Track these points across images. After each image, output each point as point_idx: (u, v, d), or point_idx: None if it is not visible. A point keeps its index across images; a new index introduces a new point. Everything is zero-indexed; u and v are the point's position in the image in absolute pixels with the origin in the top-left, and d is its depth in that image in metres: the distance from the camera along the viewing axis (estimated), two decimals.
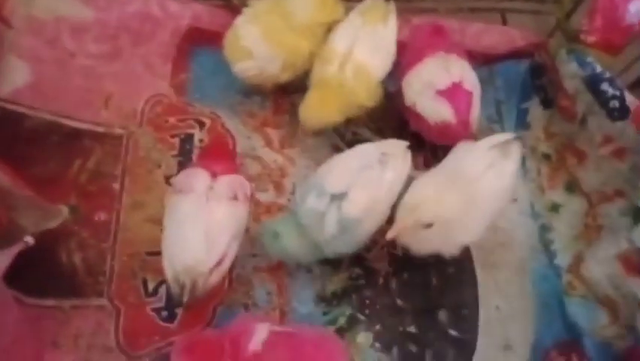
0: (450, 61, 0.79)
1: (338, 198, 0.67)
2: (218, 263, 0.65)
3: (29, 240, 0.64)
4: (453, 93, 0.77)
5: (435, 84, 0.77)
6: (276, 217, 0.79)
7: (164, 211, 0.79)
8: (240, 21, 0.81)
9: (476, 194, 0.68)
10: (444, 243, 0.69)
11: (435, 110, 0.77)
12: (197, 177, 0.69)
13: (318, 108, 0.80)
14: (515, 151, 0.71)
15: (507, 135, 0.75)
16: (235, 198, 0.68)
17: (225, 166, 0.71)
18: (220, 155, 0.75)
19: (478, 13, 1.02)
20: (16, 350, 0.63)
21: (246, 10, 0.82)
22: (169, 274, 0.65)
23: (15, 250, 0.62)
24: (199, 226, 0.65)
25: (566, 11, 0.94)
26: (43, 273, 0.73)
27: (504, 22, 1.03)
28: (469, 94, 0.78)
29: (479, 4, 1.02)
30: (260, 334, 0.59)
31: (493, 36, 0.97)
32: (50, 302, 0.73)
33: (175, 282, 0.65)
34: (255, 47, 0.80)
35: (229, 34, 0.82)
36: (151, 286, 0.76)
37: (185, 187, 0.69)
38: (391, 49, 0.82)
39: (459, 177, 0.69)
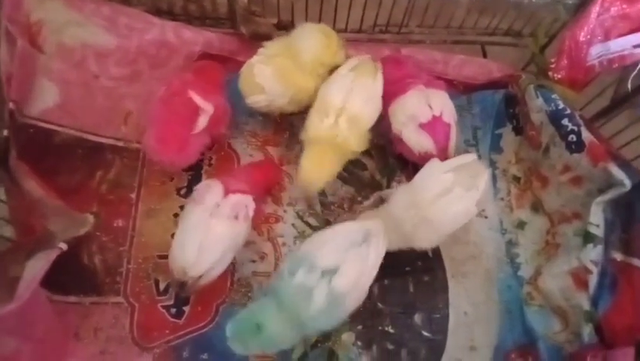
0: (430, 95, 0.84)
1: (329, 272, 0.67)
2: (209, 270, 0.72)
3: (63, 246, 0.69)
4: (434, 126, 0.83)
5: (418, 117, 0.83)
6: (248, 309, 0.70)
7: (174, 219, 0.86)
8: (255, 60, 0.86)
9: (430, 215, 0.74)
10: (403, 245, 0.77)
11: (418, 142, 0.83)
12: (211, 192, 0.74)
13: (317, 172, 0.81)
14: (481, 182, 0.75)
15: (470, 157, 0.80)
16: (236, 218, 0.73)
17: (240, 187, 0.75)
18: (241, 175, 0.78)
19: (460, 45, 1.08)
20: (47, 340, 0.69)
21: (260, 51, 0.86)
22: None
23: (52, 255, 0.66)
24: (197, 238, 0.71)
25: (540, 45, 1.00)
26: (67, 273, 0.77)
27: (484, 55, 1.08)
28: (448, 126, 0.83)
29: (462, 37, 1.08)
30: None
31: (473, 67, 1.02)
32: (73, 299, 0.78)
33: (172, 277, 0.74)
34: (267, 84, 0.84)
35: (244, 70, 0.86)
36: (162, 286, 0.81)
37: (198, 198, 0.74)
38: (379, 101, 0.85)
39: (418, 197, 0.75)
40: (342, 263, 0.67)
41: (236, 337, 0.67)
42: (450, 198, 0.74)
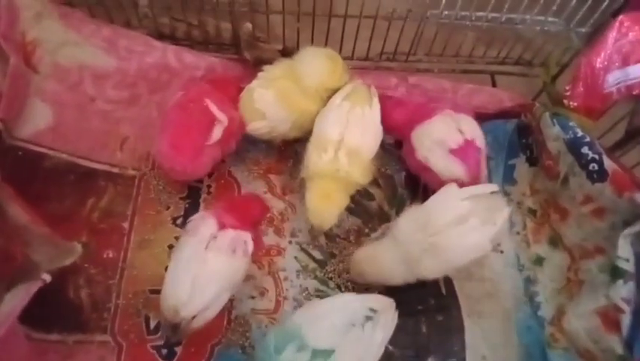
0: (460, 119, 0.80)
1: (321, 354, 0.60)
2: (203, 310, 0.65)
3: (47, 277, 0.63)
4: (465, 151, 0.78)
5: (447, 142, 0.78)
6: None
7: (169, 251, 0.81)
8: (255, 85, 0.82)
9: (439, 242, 0.69)
10: (406, 275, 0.72)
11: (447, 168, 0.78)
12: (205, 223, 0.68)
13: (326, 209, 0.77)
14: (500, 219, 0.71)
15: (490, 187, 0.76)
16: (233, 252, 0.67)
17: (238, 222, 0.70)
18: (238, 211, 0.73)
19: (469, 75, 1.05)
20: None
21: (260, 75, 0.83)
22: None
23: (33, 288, 0.61)
24: (190, 272, 0.65)
25: (551, 75, 0.97)
26: (49, 307, 0.71)
27: (493, 84, 1.05)
28: (480, 150, 0.79)
29: (471, 67, 1.05)
30: None
31: (483, 96, 0.98)
32: (55, 337, 0.72)
33: (163, 318, 0.66)
34: (268, 109, 0.81)
35: (244, 96, 0.83)
36: (152, 323, 0.75)
37: (192, 230, 0.69)
38: (379, 128, 0.81)
39: (430, 220, 0.70)
40: (339, 346, 0.60)
41: None
42: (463, 229, 0.69)
